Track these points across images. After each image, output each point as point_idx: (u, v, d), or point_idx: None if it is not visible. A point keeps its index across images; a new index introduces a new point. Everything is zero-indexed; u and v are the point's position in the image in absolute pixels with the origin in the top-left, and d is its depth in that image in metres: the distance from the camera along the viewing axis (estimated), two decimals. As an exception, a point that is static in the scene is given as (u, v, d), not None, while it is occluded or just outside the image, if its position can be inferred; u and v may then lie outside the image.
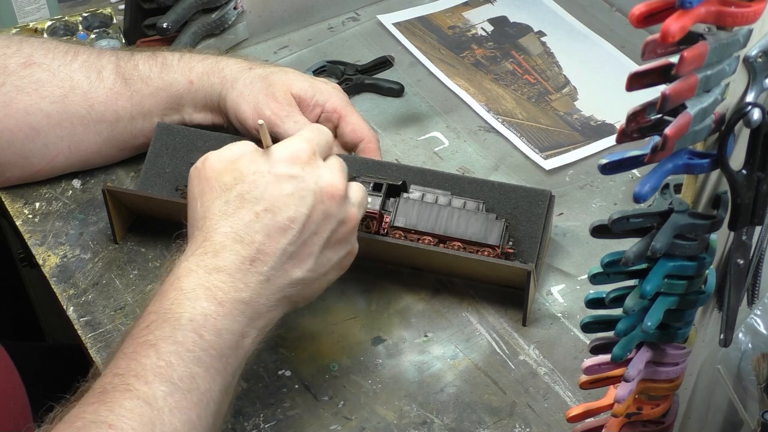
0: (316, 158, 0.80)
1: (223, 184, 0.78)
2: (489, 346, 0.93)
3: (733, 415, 0.79)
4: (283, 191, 0.78)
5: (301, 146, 0.80)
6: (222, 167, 0.79)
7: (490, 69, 1.24)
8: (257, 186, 0.77)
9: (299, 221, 0.78)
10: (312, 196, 0.78)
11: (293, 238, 0.78)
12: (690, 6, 0.50)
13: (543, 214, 0.96)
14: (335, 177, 0.80)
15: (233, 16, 1.20)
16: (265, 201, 0.77)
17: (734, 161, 0.59)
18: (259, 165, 0.78)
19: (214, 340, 0.74)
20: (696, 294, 0.63)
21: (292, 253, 0.78)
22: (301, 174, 0.78)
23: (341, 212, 0.80)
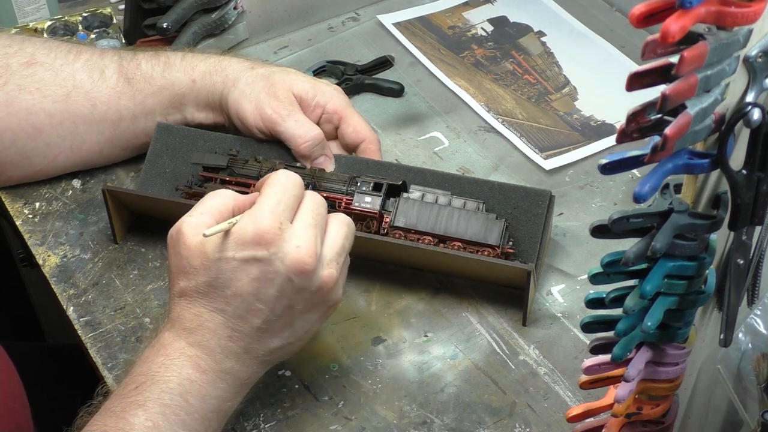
0: (281, 232, 0.77)
1: (193, 268, 0.78)
2: (489, 346, 0.93)
3: (733, 415, 0.79)
4: (249, 276, 0.77)
5: (265, 225, 0.77)
6: (193, 247, 0.78)
7: (490, 69, 1.24)
8: (223, 273, 0.77)
9: (269, 303, 0.78)
10: (279, 278, 0.77)
11: (265, 317, 0.78)
12: (690, 6, 0.50)
13: (543, 214, 0.96)
14: (302, 251, 0.77)
15: (233, 16, 1.20)
16: (233, 287, 0.77)
17: (734, 161, 0.59)
18: (224, 251, 0.77)
19: (198, 405, 0.76)
20: (696, 294, 0.63)
21: (266, 329, 0.79)
22: (266, 256, 0.76)
23: (314, 283, 0.79)
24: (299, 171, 0.98)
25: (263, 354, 0.80)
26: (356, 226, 0.96)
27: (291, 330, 0.80)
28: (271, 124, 0.99)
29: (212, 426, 0.78)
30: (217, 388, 0.78)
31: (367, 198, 0.96)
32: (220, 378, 0.78)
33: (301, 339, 0.82)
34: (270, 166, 0.98)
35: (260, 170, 0.98)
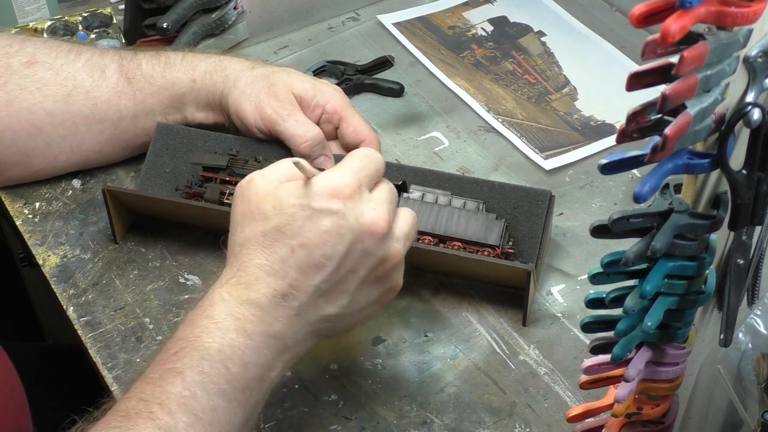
0: (360, 192, 0.77)
1: (263, 213, 0.76)
2: (489, 346, 0.93)
3: (733, 415, 0.79)
4: (320, 227, 0.75)
5: (346, 180, 0.77)
6: (265, 193, 0.77)
7: (490, 69, 1.24)
8: (295, 219, 0.75)
9: (335, 259, 0.75)
10: (351, 234, 0.76)
11: (327, 275, 0.76)
12: (690, 6, 0.50)
13: (543, 214, 0.96)
14: (378, 213, 0.77)
15: (233, 16, 1.20)
16: (302, 237, 0.75)
17: (734, 161, 0.59)
18: (299, 197, 0.76)
19: (239, 373, 0.73)
20: (696, 294, 0.63)
21: (326, 290, 0.76)
22: (342, 210, 0.75)
23: (382, 250, 0.77)
24: None
25: (315, 320, 0.77)
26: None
27: (349, 299, 0.78)
28: (270, 123, 0.99)
29: (254, 396, 0.75)
30: (261, 355, 0.75)
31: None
32: (265, 344, 0.75)
33: (354, 316, 0.80)
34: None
35: None
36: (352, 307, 0.79)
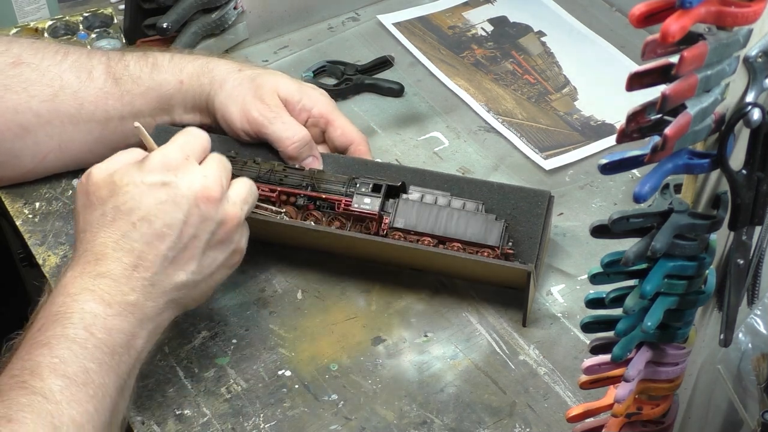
0: (189, 162, 0.82)
1: (100, 199, 0.80)
2: (489, 346, 0.93)
3: (733, 415, 0.78)
4: (157, 199, 0.80)
5: (173, 153, 0.82)
6: (100, 181, 0.81)
7: (490, 69, 1.24)
8: (132, 197, 0.80)
9: (176, 227, 0.80)
10: (186, 201, 0.80)
11: (172, 243, 0.80)
12: (690, 6, 0.50)
13: (542, 215, 0.96)
14: (209, 180, 0.82)
15: (233, 16, 1.20)
16: (140, 210, 0.79)
17: (734, 161, 0.59)
18: (132, 176, 0.80)
19: (105, 338, 0.76)
20: (696, 294, 0.63)
21: (173, 257, 0.81)
22: (174, 180, 0.80)
23: (218, 213, 0.82)
24: (297, 172, 0.98)
25: (170, 288, 0.81)
26: (356, 227, 0.96)
27: (197, 264, 0.82)
28: (257, 126, 0.99)
29: (123, 361, 0.77)
30: (124, 322, 0.78)
31: (366, 199, 0.96)
32: (126, 311, 0.78)
33: (206, 282, 0.84)
34: (269, 168, 0.98)
35: (259, 172, 0.98)
36: (202, 273, 0.83)
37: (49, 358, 0.73)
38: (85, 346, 0.75)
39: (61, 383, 0.72)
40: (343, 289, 0.98)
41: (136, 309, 0.79)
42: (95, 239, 0.80)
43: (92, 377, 0.74)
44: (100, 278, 0.78)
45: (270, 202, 0.97)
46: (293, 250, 1.01)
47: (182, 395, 0.89)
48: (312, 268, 1.00)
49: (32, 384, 0.71)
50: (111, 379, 0.76)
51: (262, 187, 0.97)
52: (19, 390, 0.71)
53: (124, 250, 0.79)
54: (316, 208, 0.97)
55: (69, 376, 0.73)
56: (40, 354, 0.73)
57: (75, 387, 0.72)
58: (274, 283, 0.99)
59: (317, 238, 0.96)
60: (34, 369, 0.72)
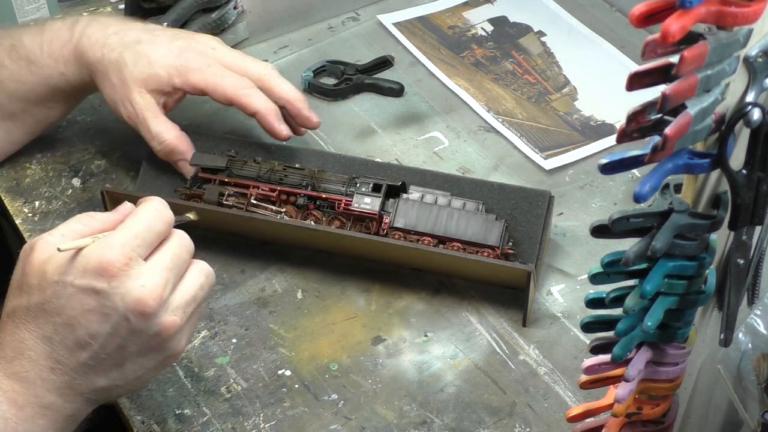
0: (129, 267, 0.72)
1: (29, 287, 0.74)
2: (489, 345, 0.93)
3: (733, 415, 0.78)
4: (83, 306, 0.72)
5: (113, 255, 0.72)
6: (37, 264, 0.74)
7: (490, 69, 1.24)
8: (58, 297, 0.72)
9: (100, 338, 0.73)
10: (115, 314, 0.72)
11: (93, 353, 0.73)
12: (690, 6, 0.50)
13: (542, 215, 0.96)
14: (147, 290, 0.72)
15: (233, 16, 1.20)
16: (65, 315, 0.72)
17: (734, 161, 0.59)
18: (64, 274, 0.72)
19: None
20: (696, 294, 0.63)
21: (94, 366, 0.74)
22: (106, 289, 0.72)
23: (152, 327, 0.74)
24: (297, 172, 0.98)
25: (88, 392, 0.75)
26: (356, 227, 0.96)
27: (120, 372, 0.75)
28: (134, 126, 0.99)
29: None
30: (37, 425, 0.73)
31: (366, 199, 0.96)
32: (39, 414, 0.73)
33: (132, 384, 0.77)
34: (269, 167, 0.98)
35: (259, 171, 0.98)
36: (126, 378, 0.76)
37: None
38: None
39: None
40: (343, 289, 0.98)
41: (50, 411, 0.74)
42: (15, 333, 0.73)
43: None
44: (14, 378, 0.73)
45: (270, 202, 0.97)
46: (293, 249, 1.01)
47: (182, 395, 0.89)
48: (312, 268, 1.00)
49: None
50: None
51: (262, 187, 0.97)
52: None
53: (42, 351, 0.73)
54: (316, 207, 0.97)
55: None
56: None
57: None
58: (274, 283, 0.99)
59: (317, 237, 0.96)
60: None
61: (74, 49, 1.00)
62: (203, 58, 0.99)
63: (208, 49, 1.00)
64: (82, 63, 1.00)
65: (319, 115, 1.16)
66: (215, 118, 1.09)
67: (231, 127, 1.08)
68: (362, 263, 0.99)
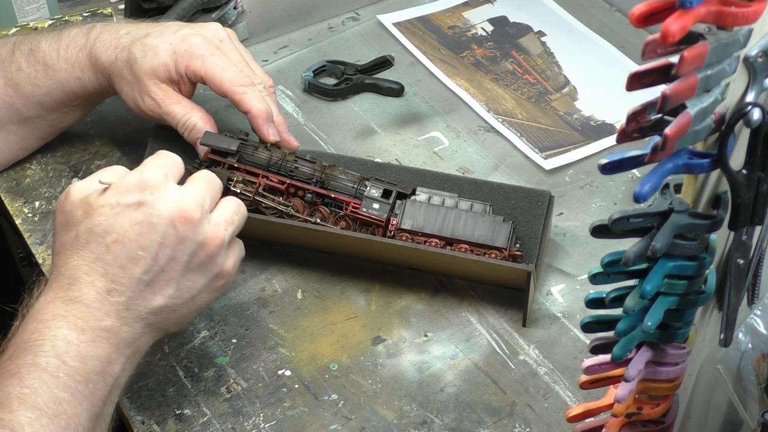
0: (167, 181, 0.78)
1: (75, 219, 0.77)
2: (489, 346, 0.93)
3: (733, 415, 0.79)
4: (131, 220, 0.76)
5: (151, 171, 0.78)
6: (76, 201, 0.78)
7: (490, 69, 1.24)
8: (106, 218, 0.76)
9: (151, 249, 0.76)
10: (162, 222, 0.76)
11: (147, 266, 0.76)
12: (690, 6, 0.50)
13: (542, 215, 0.96)
14: (188, 199, 0.78)
15: (233, 16, 1.20)
16: (114, 233, 0.76)
17: (734, 161, 0.59)
18: (107, 197, 0.77)
19: (78, 366, 0.73)
20: (696, 294, 0.63)
21: (149, 281, 0.77)
22: (150, 200, 0.77)
23: (198, 235, 0.78)
24: (308, 164, 0.97)
25: (147, 313, 0.78)
26: (361, 230, 0.95)
27: (175, 288, 0.78)
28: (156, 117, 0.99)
29: (98, 389, 0.74)
30: (99, 348, 0.75)
31: (375, 204, 0.95)
32: (100, 337, 0.75)
33: (187, 306, 0.80)
34: (281, 156, 0.97)
35: (270, 159, 0.97)
36: (182, 297, 0.79)
37: (19, 388, 0.70)
38: (56, 375, 0.72)
39: (31, 415, 0.70)
40: (343, 289, 0.98)
41: (110, 335, 0.76)
42: (68, 262, 0.76)
43: (64, 407, 0.71)
44: (73, 303, 0.75)
45: (278, 193, 0.97)
46: (293, 250, 1.01)
47: (182, 395, 0.89)
48: (312, 268, 1.00)
49: (1, 417, 0.69)
50: (84, 408, 0.73)
51: (271, 177, 0.96)
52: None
53: (97, 274, 0.76)
54: (324, 204, 0.97)
55: (39, 408, 0.70)
56: (9, 384, 0.71)
57: (46, 419, 0.70)
58: (274, 283, 0.99)
59: (322, 236, 0.96)
60: (3, 400, 0.70)
61: (89, 55, 1.01)
62: (208, 46, 0.99)
63: (215, 39, 1.00)
64: (97, 68, 1.01)
65: (319, 115, 1.16)
66: (216, 119, 1.09)
67: (231, 127, 1.08)
68: (362, 263, 0.99)
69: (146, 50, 0.98)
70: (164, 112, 0.99)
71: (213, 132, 0.99)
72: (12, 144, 1.06)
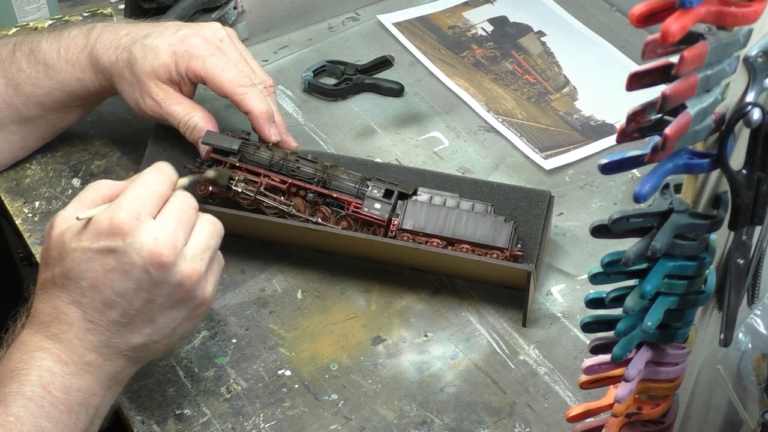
0: (140, 223, 0.76)
1: (52, 259, 0.78)
2: (489, 346, 0.93)
3: (733, 415, 0.79)
4: (104, 267, 0.76)
5: (123, 214, 0.76)
6: (55, 238, 0.78)
7: (490, 69, 1.24)
8: (78, 264, 0.76)
9: (126, 295, 0.76)
10: (135, 269, 0.76)
11: (123, 310, 0.77)
12: (690, 6, 0.50)
13: (542, 215, 0.96)
14: (160, 242, 0.76)
15: (233, 16, 1.20)
16: (88, 278, 0.76)
17: (734, 161, 0.59)
18: (79, 240, 0.76)
19: (62, 397, 0.75)
20: (696, 294, 0.63)
21: (126, 323, 0.77)
22: (122, 246, 0.75)
23: (173, 276, 0.77)
24: (309, 164, 0.97)
25: (127, 350, 0.78)
26: (362, 230, 0.95)
27: (153, 327, 0.78)
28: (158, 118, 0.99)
29: (81, 419, 0.76)
30: (82, 380, 0.76)
31: (377, 204, 0.95)
32: (84, 370, 0.76)
33: (168, 338, 0.80)
34: (282, 155, 0.97)
35: (271, 158, 0.97)
36: (161, 333, 0.79)
37: (5, 416, 0.72)
38: (41, 405, 0.73)
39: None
40: (343, 289, 0.98)
41: (93, 368, 0.77)
42: (48, 301, 0.77)
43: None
44: (55, 339, 0.76)
45: (280, 193, 0.97)
46: (293, 250, 1.01)
47: (182, 395, 0.89)
48: (312, 268, 1.00)
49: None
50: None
51: (273, 177, 0.96)
52: None
53: (75, 315, 0.76)
54: (326, 204, 0.97)
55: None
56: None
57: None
58: (274, 283, 0.99)
59: (323, 237, 0.96)
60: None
61: (90, 55, 1.01)
62: (208, 46, 0.99)
63: (215, 39, 1.00)
64: (98, 69, 1.01)
65: (319, 115, 1.16)
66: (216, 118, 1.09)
67: (231, 127, 1.08)
68: (362, 263, 0.99)
69: (146, 51, 0.98)
70: (165, 113, 0.98)
71: (215, 131, 0.99)
72: (12, 144, 1.06)
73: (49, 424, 0.73)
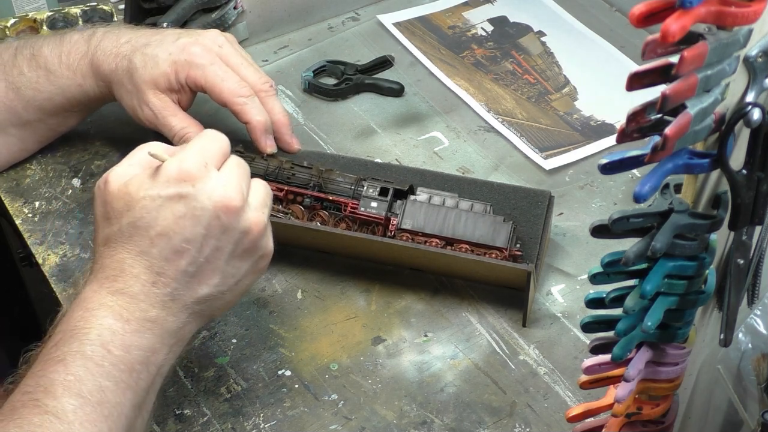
0: (208, 171, 0.77)
1: (116, 212, 0.76)
2: (489, 346, 0.93)
3: (733, 415, 0.79)
4: (174, 213, 0.75)
5: (192, 161, 0.77)
6: (115, 191, 0.77)
7: (490, 69, 1.24)
8: (148, 212, 0.75)
9: (196, 242, 0.76)
10: (206, 214, 0.76)
11: (192, 258, 0.76)
12: (690, 6, 0.50)
13: (542, 215, 0.96)
14: (229, 188, 0.77)
15: (233, 16, 1.20)
16: (158, 226, 0.75)
17: (734, 161, 0.59)
18: (147, 188, 0.76)
19: (122, 355, 0.74)
20: (696, 294, 0.63)
21: (195, 272, 0.77)
22: (192, 192, 0.76)
23: (241, 223, 0.78)
24: (305, 170, 0.98)
25: (192, 302, 0.78)
26: (362, 230, 0.96)
27: (221, 277, 0.78)
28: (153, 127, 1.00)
29: (142, 378, 0.75)
30: (143, 338, 0.75)
31: (373, 203, 0.95)
32: (145, 327, 0.75)
33: (232, 291, 0.80)
34: (277, 165, 0.98)
35: (267, 168, 0.97)
36: (227, 284, 0.79)
37: (64, 375, 0.71)
38: (101, 364, 0.72)
39: (75, 402, 0.70)
40: (343, 289, 0.98)
41: (155, 325, 0.76)
42: (113, 255, 0.76)
43: (107, 396, 0.72)
44: (119, 294, 0.75)
45: (277, 201, 0.97)
46: (293, 250, 1.01)
47: (182, 395, 0.89)
48: (312, 268, 1.00)
49: (45, 402, 0.69)
50: (127, 398, 0.73)
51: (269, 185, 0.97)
52: (32, 408, 0.69)
53: (142, 267, 0.75)
54: (323, 208, 0.97)
55: (83, 395, 0.70)
56: (54, 371, 0.71)
57: (89, 407, 0.70)
58: (274, 283, 0.99)
59: (323, 238, 0.96)
60: (48, 387, 0.70)
61: (90, 62, 1.01)
62: (208, 55, 0.99)
63: (215, 46, 1.00)
64: (98, 76, 1.01)
65: (319, 115, 1.16)
66: (216, 118, 1.09)
67: (231, 127, 1.08)
68: (362, 263, 0.99)
69: (147, 60, 0.98)
70: (161, 124, 0.99)
71: None
72: (11, 146, 1.07)
73: (110, 383, 0.72)
